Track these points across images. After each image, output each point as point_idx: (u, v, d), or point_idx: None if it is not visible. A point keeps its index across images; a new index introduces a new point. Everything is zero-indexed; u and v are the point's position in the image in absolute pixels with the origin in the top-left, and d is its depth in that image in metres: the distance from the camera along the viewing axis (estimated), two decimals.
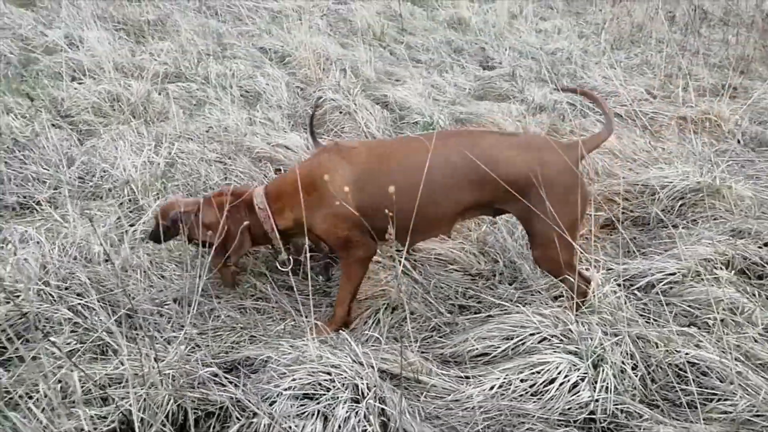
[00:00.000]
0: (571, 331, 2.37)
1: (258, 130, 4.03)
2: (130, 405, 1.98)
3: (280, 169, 3.68)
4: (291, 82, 4.92)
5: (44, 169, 3.37)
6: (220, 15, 6.46)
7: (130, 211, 3.13)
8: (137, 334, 2.33)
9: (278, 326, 2.46)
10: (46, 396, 1.92)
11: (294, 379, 2.05)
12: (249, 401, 2.01)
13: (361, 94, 4.62)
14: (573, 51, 6.10)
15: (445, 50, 5.89)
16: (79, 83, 4.41)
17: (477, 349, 2.44)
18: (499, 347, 2.42)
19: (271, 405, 2.02)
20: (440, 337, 2.56)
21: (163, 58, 5.06)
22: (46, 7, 6.51)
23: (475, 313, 2.71)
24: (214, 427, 2.06)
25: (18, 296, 2.41)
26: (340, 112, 4.42)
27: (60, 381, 2.00)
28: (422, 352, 2.43)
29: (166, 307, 2.52)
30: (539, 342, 2.40)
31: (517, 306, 2.53)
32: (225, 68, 4.98)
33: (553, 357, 2.29)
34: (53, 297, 2.41)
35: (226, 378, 2.10)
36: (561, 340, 2.38)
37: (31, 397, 1.99)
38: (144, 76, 4.62)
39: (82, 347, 2.19)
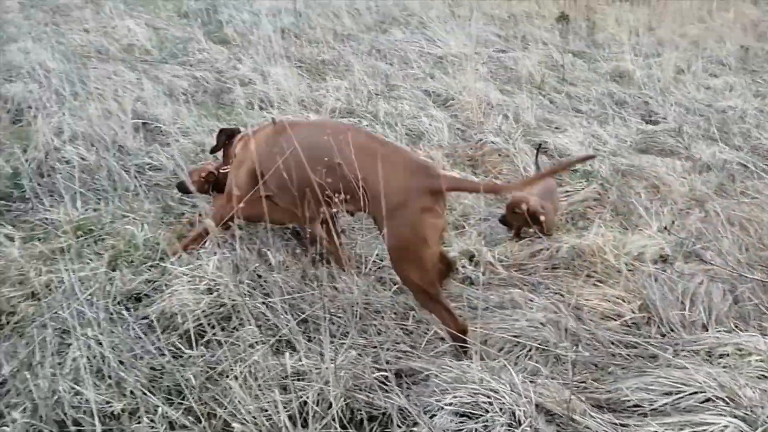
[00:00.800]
0: (741, 396, 2.28)
1: None
2: (307, 397, 2.22)
3: None
4: (452, 124, 5.16)
5: None
6: (388, 58, 6.92)
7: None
8: (313, 336, 2.59)
9: (438, 345, 2.61)
10: (237, 378, 2.21)
11: (455, 397, 2.18)
12: (411, 411, 2.17)
13: (520, 138, 4.75)
14: (747, 110, 5.81)
15: (607, 102, 5.86)
16: (268, 113, 4.96)
17: (632, 399, 2.42)
18: (656, 401, 2.38)
19: (431, 417, 2.16)
20: (594, 380, 2.56)
21: (338, 95, 5.54)
22: (239, 44, 7.35)
23: (630, 362, 2.68)
24: (375, 430, 2.24)
25: (218, 290, 2.78)
26: (499, 155, 4.57)
27: (250, 366, 2.28)
28: (575, 393, 2.45)
29: (337, 315, 2.76)
30: (702, 402, 2.33)
31: (681, 361, 2.48)
32: (392, 107, 5.34)
33: (718, 419, 2.21)
34: (244, 294, 2.74)
35: (391, 386, 2.28)
36: (727, 402, 2.29)
37: (224, 377, 2.31)
38: (321, 110, 5.10)
39: (270, 340, 2.47)
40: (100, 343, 2.44)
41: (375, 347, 2.54)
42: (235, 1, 9.22)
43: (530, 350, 2.68)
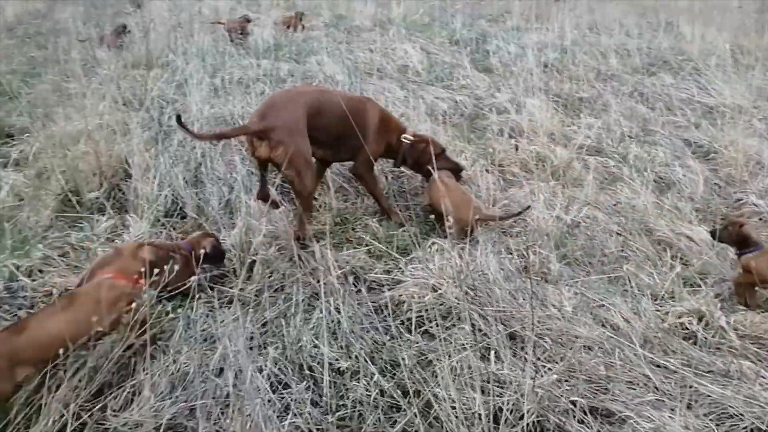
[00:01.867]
0: None
1: (664, 216, 4.12)
2: (503, 403, 2.39)
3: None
4: (710, 177, 4.82)
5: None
6: (650, 102, 6.66)
7: (531, 251, 3.59)
8: (518, 351, 2.75)
9: (642, 392, 2.56)
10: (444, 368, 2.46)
11: None
12: None
13: None
14: None
15: None
16: (516, 141, 5.19)
17: None
18: None
19: None
20: None
21: (588, 133, 5.53)
22: (500, 74, 7.71)
23: None
24: None
25: (440, 290, 3.09)
26: (760, 219, 4.17)
27: (458, 361, 2.52)
28: None
29: (544, 337, 2.86)
30: None
31: None
32: (644, 152, 5.17)
33: None
34: (459, 299, 2.99)
35: (584, 417, 2.33)
36: None
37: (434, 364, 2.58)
38: (569, 145, 5.16)
39: (478, 344, 2.69)
40: (339, 311, 2.90)
41: (576, 377, 2.59)
42: (504, 34, 9.63)
43: (749, 429, 2.48)
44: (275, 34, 9.34)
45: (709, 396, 2.60)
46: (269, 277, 3.31)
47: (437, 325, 2.81)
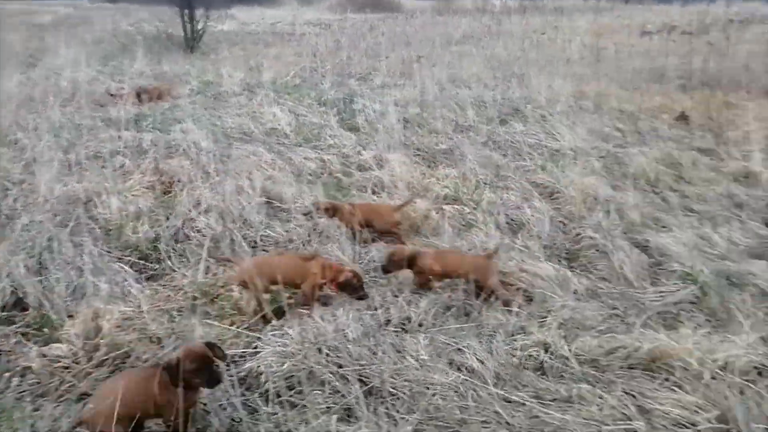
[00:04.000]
0: None
1: (514, 256, 4.41)
2: None
3: None
4: (555, 216, 5.24)
5: None
6: (502, 149, 7.18)
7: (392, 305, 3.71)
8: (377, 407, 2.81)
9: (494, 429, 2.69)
10: None
11: None
12: None
13: (621, 236, 4.72)
14: None
15: (725, 203, 5.62)
16: (378, 197, 5.39)
17: None
18: None
19: None
20: None
21: (446, 183, 5.87)
22: (366, 132, 8.00)
23: None
24: None
25: (300, 355, 3.10)
26: (597, 251, 4.58)
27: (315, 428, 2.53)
28: None
29: (405, 388, 2.94)
30: None
31: None
32: (497, 197, 5.55)
33: None
34: (320, 363, 3.02)
35: None
36: None
37: None
38: (428, 196, 5.44)
39: (336, 406, 2.72)
40: None
41: (432, 424, 2.68)
42: (371, 92, 10.04)
43: None
44: (139, 104, 9.17)
45: (552, 423, 2.78)
46: (122, 363, 3.17)
47: (297, 393, 2.83)
